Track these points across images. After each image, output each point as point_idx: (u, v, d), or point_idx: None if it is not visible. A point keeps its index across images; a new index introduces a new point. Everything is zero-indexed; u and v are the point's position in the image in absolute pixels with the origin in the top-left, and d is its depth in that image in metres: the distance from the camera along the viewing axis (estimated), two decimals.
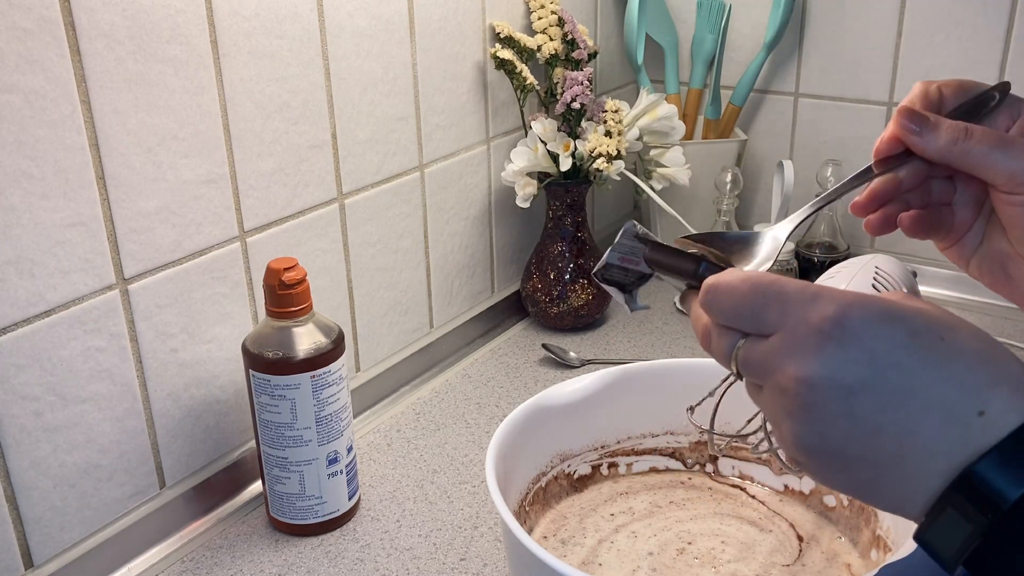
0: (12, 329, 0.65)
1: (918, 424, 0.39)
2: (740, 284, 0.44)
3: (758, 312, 0.43)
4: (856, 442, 0.40)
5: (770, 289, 0.43)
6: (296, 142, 0.83)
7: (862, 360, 0.40)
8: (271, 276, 0.73)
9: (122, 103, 0.68)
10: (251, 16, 0.77)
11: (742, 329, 0.44)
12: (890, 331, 0.40)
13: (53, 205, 0.65)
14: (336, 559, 0.75)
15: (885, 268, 0.72)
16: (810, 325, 0.41)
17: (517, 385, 1.01)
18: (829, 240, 1.14)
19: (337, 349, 0.75)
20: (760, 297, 0.43)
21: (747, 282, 0.44)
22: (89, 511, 0.72)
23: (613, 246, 0.56)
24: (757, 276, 0.44)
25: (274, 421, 0.74)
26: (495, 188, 1.10)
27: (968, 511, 0.38)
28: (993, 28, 1.08)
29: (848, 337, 0.40)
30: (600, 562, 0.69)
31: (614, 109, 1.05)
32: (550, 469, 0.75)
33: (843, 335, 0.40)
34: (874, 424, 0.40)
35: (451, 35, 0.98)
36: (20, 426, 0.66)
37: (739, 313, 0.44)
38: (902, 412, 0.39)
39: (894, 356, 0.40)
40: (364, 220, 0.92)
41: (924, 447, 0.39)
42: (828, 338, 0.41)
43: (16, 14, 0.61)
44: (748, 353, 0.44)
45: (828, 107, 1.23)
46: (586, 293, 1.09)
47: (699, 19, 1.24)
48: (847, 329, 0.40)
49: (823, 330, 0.41)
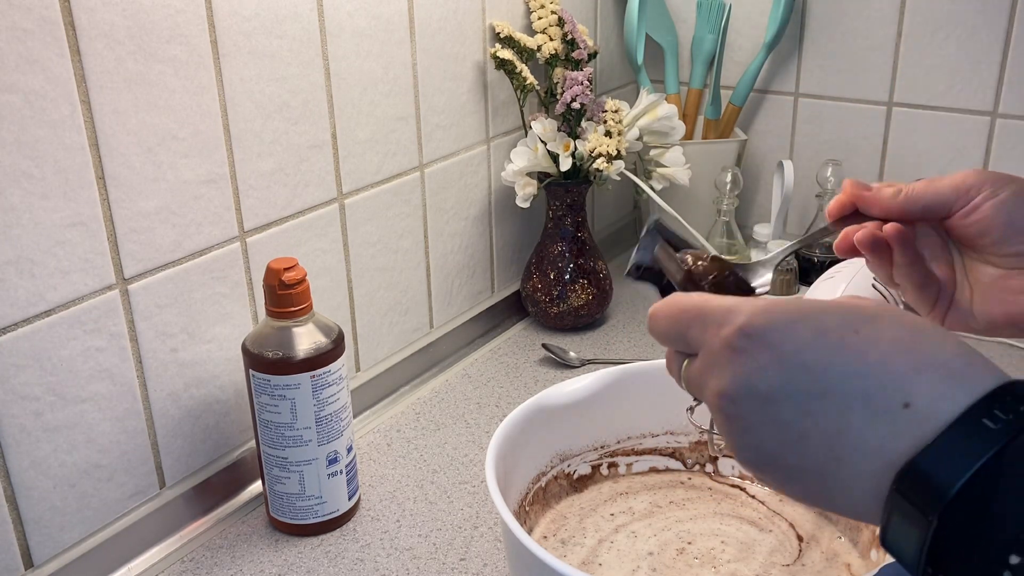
0: (12, 329, 0.65)
1: (842, 424, 0.38)
2: (670, 307, 0.45)
3: (683, 333, 0.44)
4: (789, 450, 0.39)
5: (692, 310, 0.44)
6: (296, 142, 0.83)
7: (771, 366, 0.39)
8: (271, 276, 0.73)
9: (122, 103, 0.68)
10: (251, 16, 0.77)
11: (678, 351, 0.45)
12: (794, 333, 0.40)
13: (53, 205, 0.65)
14: (336, 559, 0.75)
15: None
16: (721, 339, 0.41)
17: (517, 385, 1.01)
18: (829, 240, 1.14)
19: (337, 349, 0.75)
20: (684, 318, 0.44)
21: (675, 305, 0.45)
22: (89, 511, 0.72)
23: (637, 245, 0.58)
24: (684, 299, 0.45)
25: (274, 421, 0.74)
26: (495, 188, 1.10)
27: (909, 511, 0.36)
28: (993, 28, 1.08)
29: (755, 345, 0.40)
30: (600, 562, 0.69)
31: (614, 109, 1.05)
32: (550, 469, 0.75)
33: (750, 344, 0.40)
34: (799, 429, 0.39)
35: (451, 35, 0.98)
36: (20, 426, 0.66)
37: (669, 336, 0.45)
38: (822, 414, 0.38)
39: (801, 357, 0.39)
40: (364, 220, 0.92)
41: (855, 447, 0.38)
42: (736, 350, 0.40)
43: (16, 14, 0.61)
44: (687, 373, 0.45)
45: (828, 107, 1.23)
46: (586, 293, 1.09)
47: (699, 19, 1.24)
48: (753, 337, 0.40)
49: (731, 343, 0.41)
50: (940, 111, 1.14)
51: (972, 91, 1.12)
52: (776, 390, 0.39)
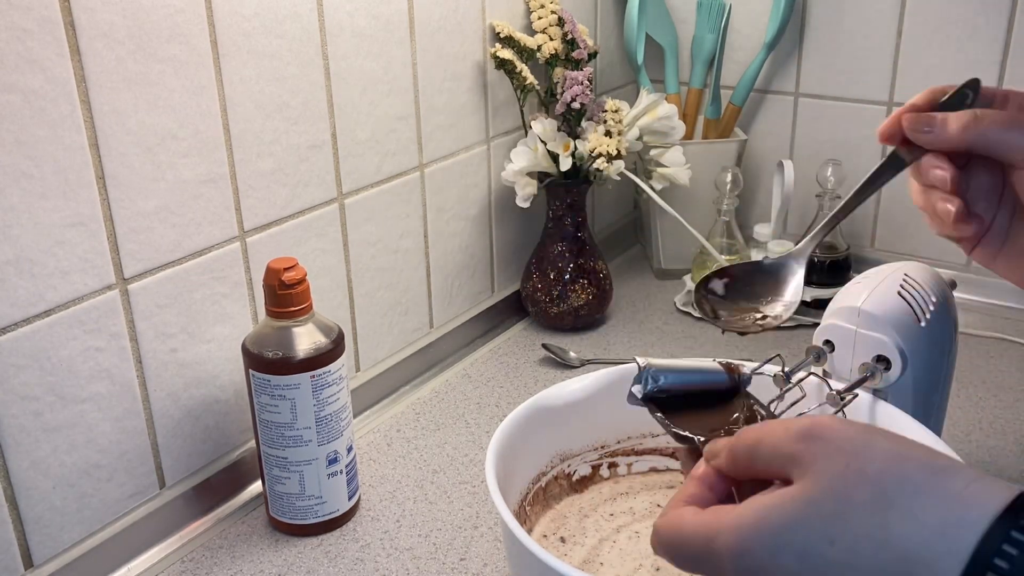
0: (12, 329, 0.65)
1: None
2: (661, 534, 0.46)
3: (685, 561, 0.45)
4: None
5: (671, 546, 0.45)
6: (296, 142, 0.83)
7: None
8: (271, 276, 0.73)
9: (122, 103, 0.68)
10: (251, 16, 0.77)
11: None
12: (782, 564, 0.40)
13: (53, 205, 0.65)
14: (336, 559, 0.75)
15: (914, 276, 0.71)
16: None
17: (517, 385, 1.01)
18: (829, 240, 1.14)
19: (337, 349, 0.75)
20: (670, 551, 0.45)
21: (664, 535, 0.45)
22: (89, 511, 0.72)
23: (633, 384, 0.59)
24: (675, 528, 0.45)
25: (274, 421, 0.74)
26: (495, 188, 1.10)
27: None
28: (993, 28, 1.08)
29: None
30: (601, 561, 0.69)
31: (614, 109, 1.05)
32: (550, 469, 0.75)
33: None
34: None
35: (451, 35, 0.98)
36: (20, 426, 0.66)
37: (671, 556, 0.46)
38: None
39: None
40: (364, 220, 0.92)
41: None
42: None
43: (16, 14, 0.61)
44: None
45: (828, 107, 1.23)
46: (586, 293, 1.09)
47: (699, 19, 1.24)
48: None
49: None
50: None
51: None
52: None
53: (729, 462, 0.46)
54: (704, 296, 0.63)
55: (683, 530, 0.44)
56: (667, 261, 1.25)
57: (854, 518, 0.39)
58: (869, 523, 0.39)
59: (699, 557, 0.43)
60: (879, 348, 0.67)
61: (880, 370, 0.67)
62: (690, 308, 1.17)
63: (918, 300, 0.69)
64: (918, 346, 0.67)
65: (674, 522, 0.45)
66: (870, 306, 0.68)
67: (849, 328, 0.68)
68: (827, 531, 0.39)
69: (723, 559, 0.41)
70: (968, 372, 1.00)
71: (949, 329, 0.72)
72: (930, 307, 0.69)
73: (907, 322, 0.67)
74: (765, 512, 0.41)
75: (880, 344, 0.67)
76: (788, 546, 0.40)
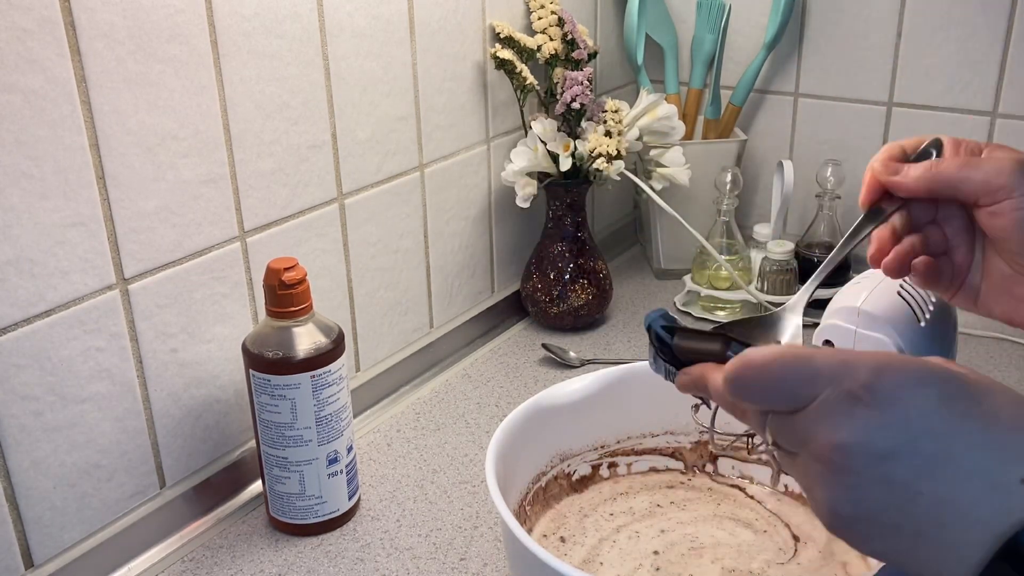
0: (12, 329, 0.65)
1: (957, 492, 0.39)
2: (767, 363, 0.44)
3: (791, 390, 0.43)
4: (893, 509, 0.40)
5: (801, 366, 0.43)
6: (296, 142, 0.83)
7: (895, 426, 0.40)
8: (271, 276, 0.73)
9: (122, 103, 0.68)
10: (251, 16, 0.77)
11: (776, 409, 0.44)
12: (923, 396, 0.40)
13: (53, 205, 0.65)
14: (336, 559, 0.75)
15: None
16: (842, 391, 0.41)
17: (517, 385, 1.01)
18: (829, 240, 1.14)
19: (337, 349, 0.75)
20: (790, 374, 0.43)
21: (775, 361, 0.44)
22: (89, 511, 0.72)
23: (649, 349, 0.58)
24: (786, 354, 0.43)
25: (274, 421, 0.74)
26: (495, 188, 1.10)
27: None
28: (993, 28, 1.08)
29: (880, 402, 0.40)
30: (601, 560, 0.69)
31: (614, 109, 1.05)
32: (550, 469, 0.75)
33: (875, 400, 0.40)
34: (911, 492, 0.39)
35: (451, 35, 0.98)
36: (20, 426, 0.66)
37: (769, 393, 0.44)
38: (939, 480, 0.39)
39: (928, 422, 0.39)
40: (364, 220, 0.93)
41: (964, 515, 0.38)
42: (860, 403, 0.40)
43: (16, 14, 0.61)
44: (781, 423, 0.44)
45: (828, 107, 1.23)
46: (586, 293, 1.10)
47: (699, 19, 1.24)
48: (878, 394, 0.40)
49: (855, 395, 0.41)
50: (940, 111, 1.14)
51: (972, 91, 1.12)
52: (895, 450, 0.40)
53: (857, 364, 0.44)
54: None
55: (795, 350, 0.43)
56: (667, 261, 1.25)
57: (1001, 399, 0.40)
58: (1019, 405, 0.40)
59: (817, 373, 0.42)
60: (879, 348, 0.67)
61: None
62: (690, 308, 1.17)
63: (917, 300, 0.69)
64: (918, 346, 0.67)
65: (777, 348, 0.44)
66: (870, 306, 0.68)
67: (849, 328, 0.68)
68: (978, 394, 0.40)
69: (858, 370, 0.41)
70: None
71: (949, 329, 0.72)
72: (929, 307, 0.69)
73: (907, 322, 0.67)
74: (915, 360, 0.41)
75: (880, 344, 0.67)
76: (937, 386, 0.40)
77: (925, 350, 0.68)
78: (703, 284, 1.15)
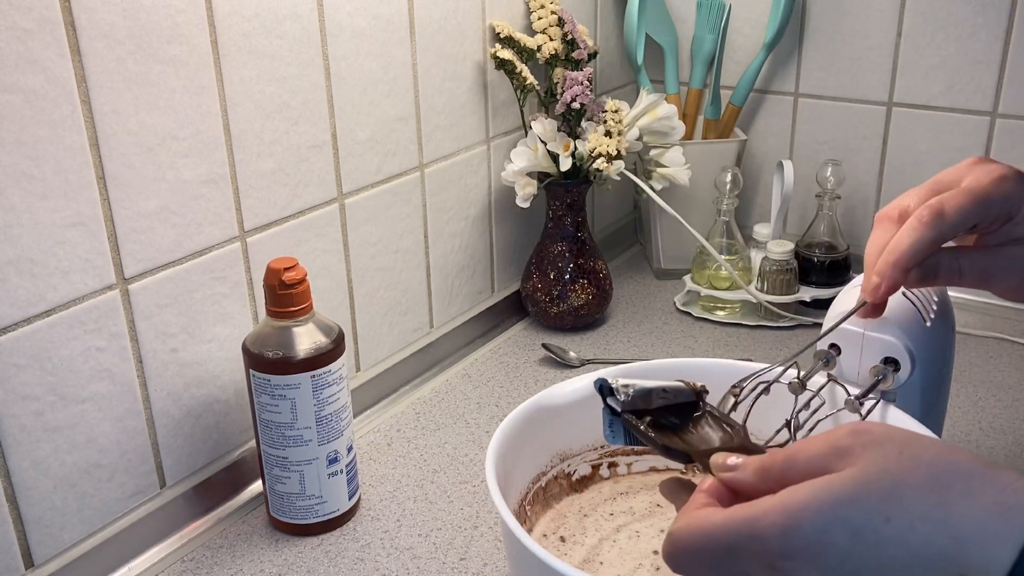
0: (12, 329, 0.65)
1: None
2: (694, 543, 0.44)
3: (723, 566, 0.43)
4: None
5: (716, 545, 0.43)
6: (296, 142, 0.83)
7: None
8: (271, 276, 0.73)
9: (122, 103, 0.68)
10: (251, 16, 0.77)
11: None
12: (832, 541, 0.40)
13: (53, 205, 0.65)
14: (336, 559, 0.76)
15: None
16: (763, 567, 0.41)
17: (517, 385, 1.01)
18: (829, 240, 1.14)
19: (337, 349, 0.75)
20: (713, 556, 0.43)
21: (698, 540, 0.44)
22: (89, 511, 0.72)
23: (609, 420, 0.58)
24: (704, 533, 0.43)
25: (274, 421, 0.74)
26: (495, 188, 1.10)
27: None
28: (993, 28, 1.08)
29: (799, 567, 0.40)
30: (601, 560, 0.69)
31: (614, 109, 1.05)
32: (550, 469, 0.75)
33: (794, 566, 0.40)
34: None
35: (451, 35, 0.98)
36: (20, 426, 0.66)
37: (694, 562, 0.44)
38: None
39: (846, 568, 0.39)
40: (364, 220, 0.93)
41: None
42: (781, 573, 0.41)
43: (16, 14, 0.61)
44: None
45: (828, 107, 1.23)
46: (586, 293, 1.10)
47: (699, 19, 1.24)
48: (795, 559, 0.40)
49: (774, 567, 0.41)
50: (940, 111, 1.14)
51: (972, 91, 1.12)
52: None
53: (758, 474, 0.45)
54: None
55: (710, 524, 0.43)
56: (667, 261, 1.25)
57: (910, 497, 0.39)
58: (926, 502, 0.39)
59: (733, 549, 0.42)
60: (888, 350, 0.66)
61: (890, 372, 0.66)
62: (690, 308, 1.17)
63: (922, 300, 0.69)
64: (925, 346, 0.67)
65: (698, 522, 0.44)
66: None
67: (856, 331, 0.67)
68: (883, 509, 0.39)
69: (768, 539, 0.41)
70: (967, 372, 1.00)
71: (949, 328, 0.72)
72: (933, 306, 0.69)
73: (914, 322, 0.67)
74: (815, 491, 0.41)
75: (889, 346, 0.66)
76: (843, 521, 0.39)
77: (930, 350, 0.68)
78: (703, 284, 1.15)
